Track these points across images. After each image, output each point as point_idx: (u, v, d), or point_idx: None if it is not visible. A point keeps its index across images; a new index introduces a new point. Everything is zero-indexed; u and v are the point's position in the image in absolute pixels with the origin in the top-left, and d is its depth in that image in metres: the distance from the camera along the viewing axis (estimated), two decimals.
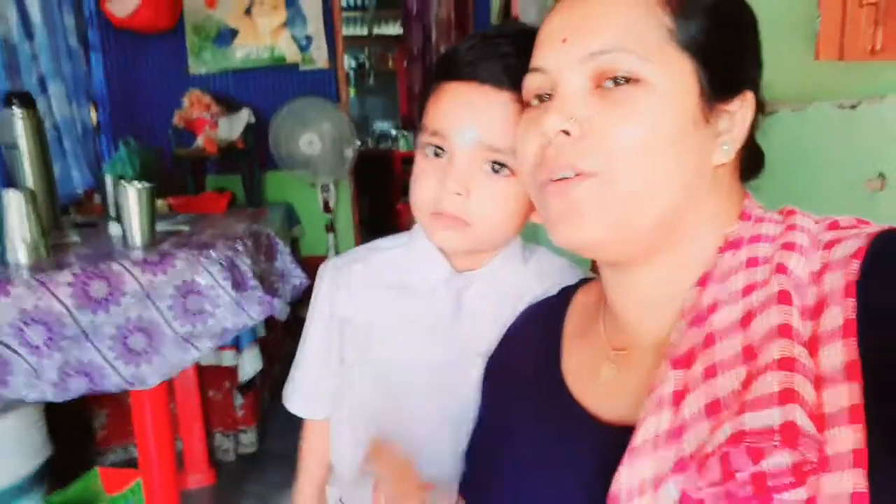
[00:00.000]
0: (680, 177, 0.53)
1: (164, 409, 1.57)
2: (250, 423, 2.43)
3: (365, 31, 5.86)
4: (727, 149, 0.55)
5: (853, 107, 1.13)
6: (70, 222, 1.96)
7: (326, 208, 3.45)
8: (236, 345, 2.25)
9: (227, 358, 2.27)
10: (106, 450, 2.31)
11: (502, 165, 0.70)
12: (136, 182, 1.45)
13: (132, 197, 1.45)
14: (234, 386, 2.36)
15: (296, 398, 0.92)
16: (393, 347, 0.82)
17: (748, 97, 0.55)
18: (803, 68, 1.25)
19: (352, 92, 5.75)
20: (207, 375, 2.32)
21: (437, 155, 0.73)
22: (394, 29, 5.71)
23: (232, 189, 3.11)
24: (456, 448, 0.78)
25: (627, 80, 0.52)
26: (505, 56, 0.68)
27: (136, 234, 1.49)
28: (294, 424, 0.96)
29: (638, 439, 0.48)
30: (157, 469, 1.59)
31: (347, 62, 3.60)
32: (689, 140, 0.52)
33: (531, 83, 0.59)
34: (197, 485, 2.25)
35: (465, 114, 0.70)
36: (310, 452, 0.94)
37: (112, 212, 1.84)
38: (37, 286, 1.25)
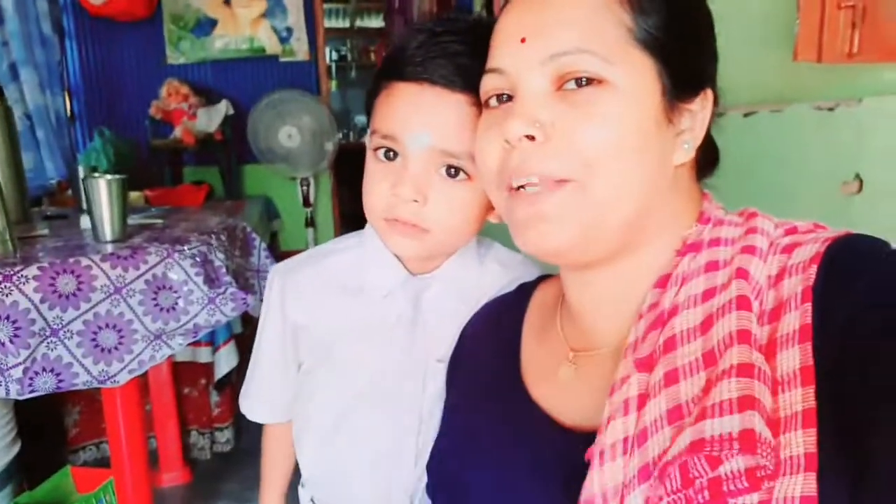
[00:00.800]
0: (645, 179, 0.52)
1: (135, 407, 1.54)
2: (226, 421, 2.40)
3: (347, 24, 5.80)
4: (688, 147, 0.54)
5: (831, 109, 1.14)
6: (40, 214, 1.91)
7: (306, 202, 3.42)
8: (212, 341, 2.22)
9: (203, 354, 2.24)
10: (79, 447, 2.27)
11: (458, 170, 0.68)
12: (106, 174, 1.42)
13: (102, 189, 1.42)
14: (209, 383, 2.33)
15: (253, 404, 0.91)
16: (351, 354, 0.80)
17: (708, 94, 0.55)
18: (782, 70, 1.25)
19: (333, 84, 5.70)
20: (182, 372, 2.29)
21: (388, 158, 0.70)
22: (376, 21, 5.67)
23: (210, 181, 3.06)
24: (418, 455, 0.78)
25: (590, 82, 0.51)
26: (456, 55, 0.66)
27: (107, 228, 1.45)
28: None
29: (606, 441, 0.48)
30: (129, 467, 1.56)
31: (329, 54, 3.56)
32: (652, 141, 0.52)
33: (489, 83, 0.57)
34: (171, 483, 2.22)
35: (418, 117, 0.67)
36: (271, 457, 0.93)
37: (84, 204, 1.80)
38: (1, 280, 1.22)
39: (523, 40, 0.53)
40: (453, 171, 0.68)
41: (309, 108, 3.20)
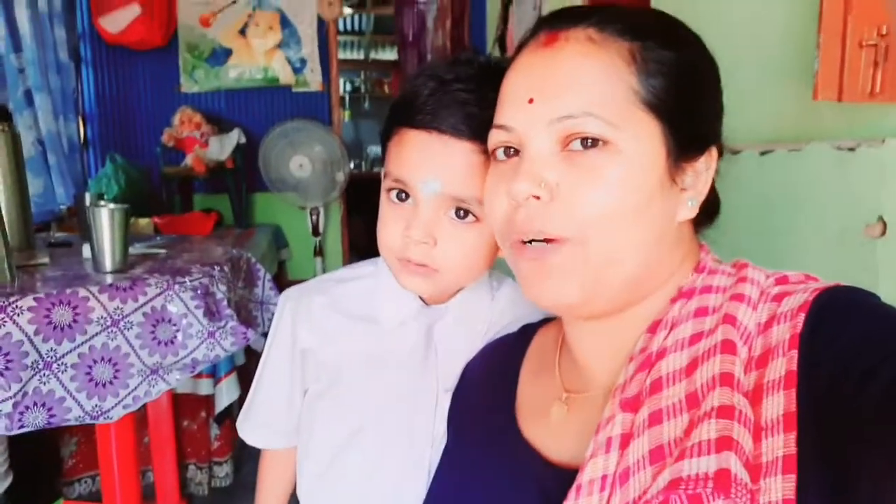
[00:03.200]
0: (648, 239, 0.53)
1: (129, 442, 1.49)
2: (225, 455, 2.34)
3: (361, 56, 5.86)
4: (692, 205, 0.55)
5: (852, 149, 1.09)
6: (44, 242, 1.90)
7: (315, 232, 3.40)
8: (213, 373, 2.18)
9: (204, 387, 2.20)
10: (74, 480, 2.22)
11: (467, 212, 0.70)
12: (114, 201, 1.40)
13: (104, 218, 1.40)
14: (209, 416, 2.29)
15: (253, 428, 0.90)
16: (360, 383, 0.80)
17: (713, 152, 0.56)
18: (801, 108, 1.22)
19: (347, 115, 5.74)
20: (182, 404, 2.24)
21: (401, 199, 0.73)
22: (391, 54, 5.71)
23: (220, 209, 3.06)
24: (423, 491, 0.76)
25: (595, 143, 0.52)
26: (465, 104, 0.68)
27: (107, 258, 1.43)
28: None
29: (584, 477, 0.49)
30: (121, 502, 1.52)
31: (343, 86, 3.58)
32: (657, 202, 0.53)
33: (497, 138, 0.59)
34: None
35: (427, 165, 0.70)
36: (268, 485, 0.92)
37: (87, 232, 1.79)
38: None
39: (531, 101, 0.54)
40: (462, 213, 0.71)
41: (321, 138, 3.20)
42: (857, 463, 0.40)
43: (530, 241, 0.55)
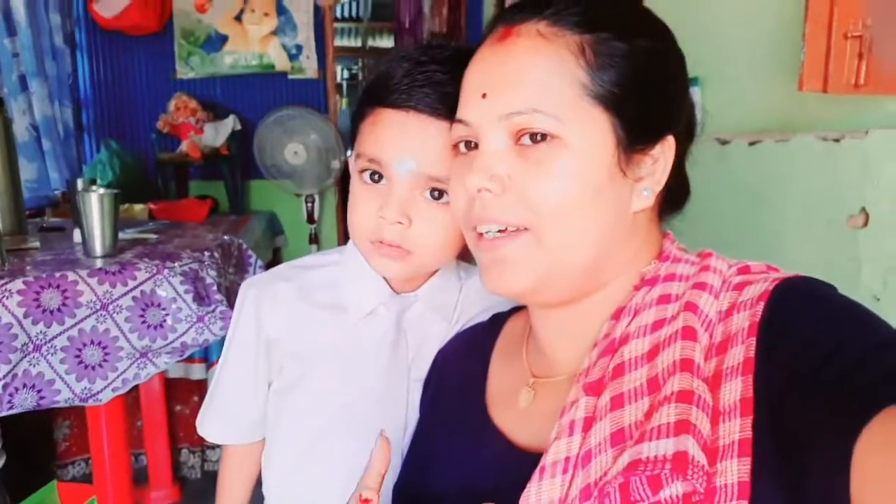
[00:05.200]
0: (600, 229, 0.55)
1: (120, 424, 1.51)
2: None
3: (359, 43, 5.82)
4: (647, 194, 0.56)
5: (837, 140, 1.10)
6: (36, 227, 1.90)
7: (311, 219, 3.40)
8: (205, 357, 2.19)
9: (196, 371, 2.21)
10: (67, 462, 2.24)
11: (442, 192, 0.70)
12: (108, 187, 1.40)
13: (94, 203, 1.40)
14: (202, 400, 2.30)
15: (215, 424, 0.87)
16: (330, 374, 0.79)
17: (668, 141, 0.56)
18: (788, 99, 1.22)
19: (344, 102, 5.72)
20: (174, 389, 2.26)
21: (374, 180, 0.72)
22: (389, 42, 5.68)
23: (215, 196, 3.06)
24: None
25: (543, 138, 0.53)
26: (440, 84, 0.68)
27: (97, 243, 1.43)
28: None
29: (548, 459, 0.50)
30: (112, 485, 1.53)
31: (340, 73, 3.57)
32: (607, 193, 0.54)
33: (457, 132, 0.60)
34: (160, 501, 2.18)
35: (404, 144, 0.69)
36: (229, 481, 0.90)
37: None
38: None
39: (484, 96, 0.56)
40: (437, 194, 0.70)
41: (316, 125, 3.20)
42: (809, 447, 0.41)
43: (486, 233, 0.57)
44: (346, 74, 6.01)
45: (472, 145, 0.60)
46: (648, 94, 0.55)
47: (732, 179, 1.37)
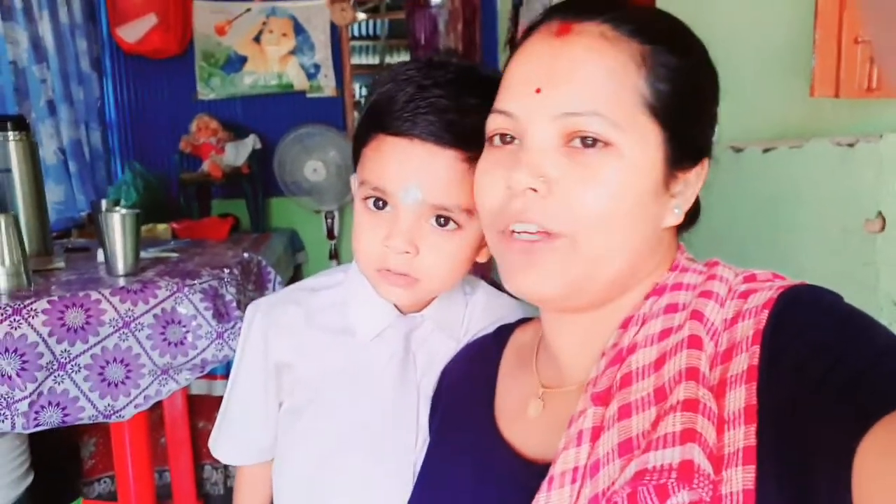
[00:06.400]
0: (636, 242, 0.54)
1: (143, 441, 1.53)
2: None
3: (377, 60, 5.90)
4: (678, 212, 0.56)
5: (851, 145, 1.09)
6: (62, 247, 1.95)
7: (330, 235, 3.44)
8: (227, 374, 2.21)
9: (219, 388, 2.23)
10: (94, 480, 2.26)
11: (448, 219, 0.69)
12: (132, 207, 1.43)
13: (116, 223, 1.43)
14: None
15: (228, 446, 0.87)
16: (340, 396, 0.78)
17: (705, 164, 0.57)
18: (801, 105, 1.21)
19: None
20: (197, 405, 2.28)
21: (378, 207, 0.70)
22: (405, 58, 5.75)
23: (237, 214, 3.11)
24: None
25: (595, 142, 0.52)
26: (445, 110, 0.66)
27: (119, 262, 1.47)
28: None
29: (557, 469, 0.50)
30: (136, 502, 1.55)
31: (358, 90, 3.62)
32: (648, 207, 0.53)
33: (497, 122, 0.57)
34: None
35: (409, 173, 0.67)
36: (243, 501, 0.90)
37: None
38: (11, 313, 1.23)
39: (538, 90, 0.53)
40: (443, 221, 0.69)
41: (335, 142, 3.24)
42: (813, 455, 0.41)
43: (520, 233, 0.55)
44: (364, 92, 6.10)
45: (507, 139, 0.57)
46: (697, 113, 0.55)
47: (747, 187, 1.36)
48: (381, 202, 0.70)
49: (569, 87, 0.52)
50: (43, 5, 2.80)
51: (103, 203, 2.05)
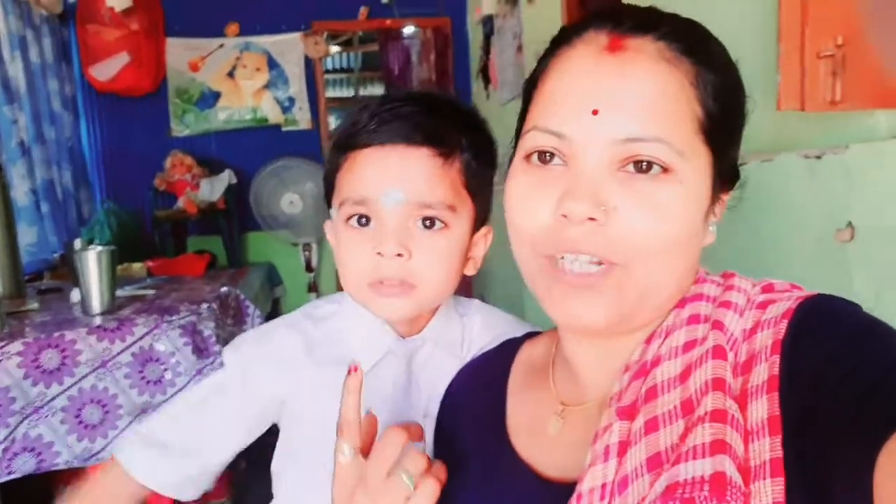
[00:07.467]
0: (686, 268, 0.53)
1: None
2: (222, 497, 2.31)
3: (351, 92, 5.95)
4: (713, 230, 0.55)
5: (818, 157, 1.11)
6: (35, 289, 1.91)
7: (308, 267, 3.42)
8: None
9: None
10: None
11: (434, 220, 0.69)
12: (96, 246, 1.42)
13: (91, 261, 1.41)
14: None
15: (144, 456, 0.77)
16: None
17: (737, 184, 0.56)
18: (769, 119, 1.24)
19: None
20: None
21: (362, 224, 0.70)
22: (379, 89, 5.81)
23: (213, 250, 3.08)
24: None
25: (650, 167, 0.49)
26: (409, 115, 0.68)
27: (95, 300, 1.44)
28: (272, 497, 0.84)
29: (584, 486, 0.48)
30: None
31: (334, 122, 3.64)
32: (699, 232, 0.52)
33: (540, 140, 0.53)
34: None
35: (387, 176, 0.68)
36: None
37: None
38: None
39: (595, 112, 0.49)
40: (429, 223, 0.69)
41: (311, 174, 3.24)
42: (832, 468, 0.40)
43: (572, 262, 0.52)
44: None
45: (546, 157, 0.53)
46: (738, 133, 0.54)
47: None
48: (364, 218, 0.70)
49: (629, 109, 0.49)
50: (14, 45, 2.78)
51: (77, 242, 2.02)
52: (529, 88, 0.57)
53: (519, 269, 0.59)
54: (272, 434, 0.83)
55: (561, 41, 0.54)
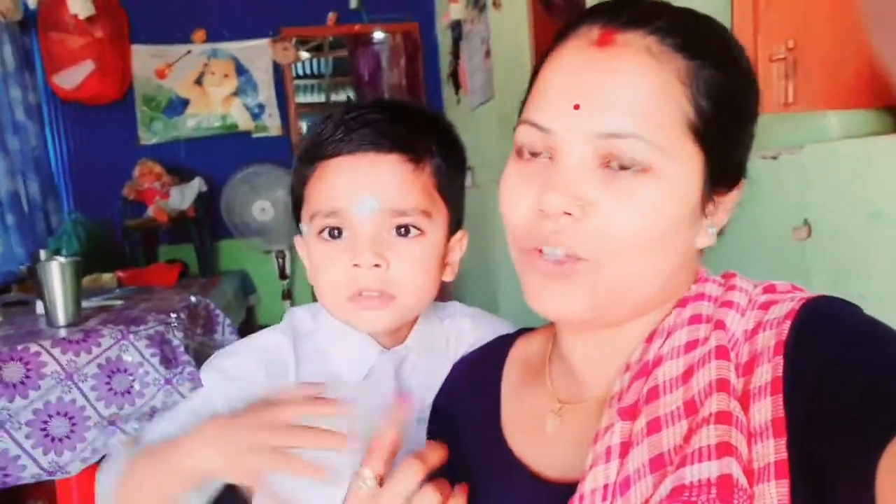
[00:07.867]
0: (667, 265, 0.52)
1: (93, 498, 1.46)
2: None
3: (322, 98, 5.93)
4: (713, 231, 0.54)
5: (774, 157, 1.14)
6: (0, 302, 1.88)
7: (282, 275, 3.40)
8: None
9: None
10: None
11: (408, 227, 0.68)
12: (59, 257, 1.40)
13: (55, 272, 1.39)
14: None
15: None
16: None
17: (741, 185, 0.54)
18: None
19: None
20: None
21: (334, 236, 0.68)
22: (351, 94, 5.80)
23: (185, 259, 3.05)
24: None
25: (633, 164, 0.49)
26: (376, 122, 0.67)
27: (60, 312, 1.42)
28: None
29: (586, 487, 0.48)
30: None
31: (305, 128, 3.63)
32: (683, 232, 0.51)
33: (528, 136, 0.53)
34: None
35: (359, 184, 0.66)
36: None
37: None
38: None
39: (577, 107, 0.49)
40: (404, 231, 0.68)
41: (282, 181, 3.22)
42: (835, 470, 0.41)
43: (549, 252, 0.52)
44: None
45: (538, 154, 0.54)
46: (738, 132, 0.53)
47: None
48: (336, 230, 0.68)
49: (610, 105, 0.49)
50: None
51: (42, 253, 1.98)
52: (530, 82, 0.57)
53: (495, 269, 0.59)
54: None
55: (560, 35, 0.54)
